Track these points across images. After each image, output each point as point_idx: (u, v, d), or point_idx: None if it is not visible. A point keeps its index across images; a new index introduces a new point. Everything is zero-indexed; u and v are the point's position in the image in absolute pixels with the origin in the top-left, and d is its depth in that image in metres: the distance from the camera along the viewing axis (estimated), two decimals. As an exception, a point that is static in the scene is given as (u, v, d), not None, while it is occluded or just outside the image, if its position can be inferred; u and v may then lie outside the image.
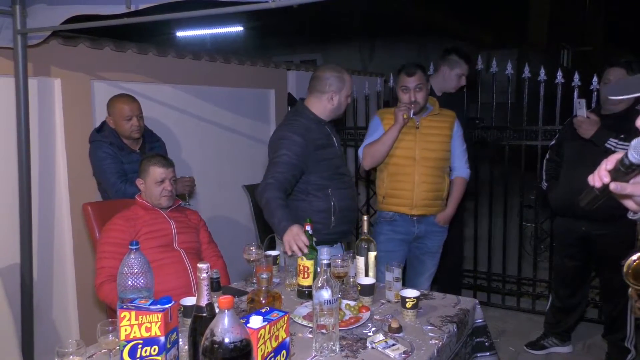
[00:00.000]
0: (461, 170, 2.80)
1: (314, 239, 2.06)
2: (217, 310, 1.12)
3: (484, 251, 3.87)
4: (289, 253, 1.99)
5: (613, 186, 0.98)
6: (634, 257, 1.15)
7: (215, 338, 1.06)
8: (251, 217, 3.80)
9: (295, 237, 1.97)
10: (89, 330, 2.73)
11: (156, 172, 2.28)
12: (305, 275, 1.94)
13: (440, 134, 2.68)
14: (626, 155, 0.95)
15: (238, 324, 1.08)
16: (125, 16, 2.18)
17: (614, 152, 2.95)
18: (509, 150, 3.69)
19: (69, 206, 2.87)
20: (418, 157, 2.62)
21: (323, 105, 2.37)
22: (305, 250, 1.95)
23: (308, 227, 2.03)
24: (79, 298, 2.93)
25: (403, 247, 2.75)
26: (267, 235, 2.57)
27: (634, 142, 0.93)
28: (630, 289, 1.57)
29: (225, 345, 1.05)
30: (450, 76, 3.22)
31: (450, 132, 2.71)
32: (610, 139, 2.51)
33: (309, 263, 1.94)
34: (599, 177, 1.00)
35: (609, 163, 0.99)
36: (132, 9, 2.14)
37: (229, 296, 1.08)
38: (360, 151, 2.76)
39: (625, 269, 1.23)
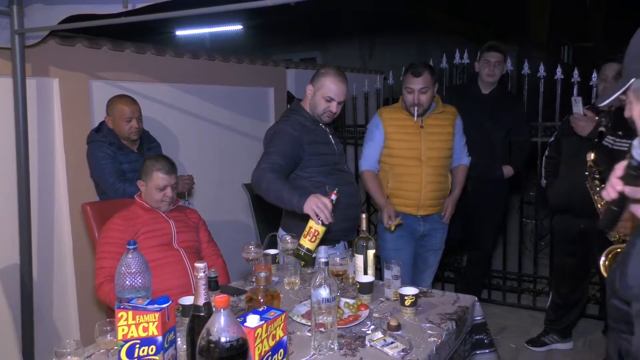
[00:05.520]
0: (462, 159, 2.86)
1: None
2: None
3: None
4: (319, 223, 1.93)
5: (629, 190, 0.97)
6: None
7: (211, 337, 1.06)
8: (251, 215, 3.79)
9: (319, 204, 1.91)
10: (89, 330, 2.72)
11: (159, 178, 2.26)
12: (312, 239, 1.94)
13: (444, 132, 2.68)
14: (632, 157, 0.94)
15: (234, 323, 1.08)
16: (123, 15, 2.17)
17: (611, 149, 2.93)
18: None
19: (68, 206, 2.87)
20: (424, 158, 2.62)
21: (307, 97, 2.35)
22: (330, 218, 1.92)
23: (334, 196, 1.97)
24: (79, 298, 2.93)
25: (410, 245, 2.76)
26: (267, 234, 2.57)
27: (636, 141, 0.93)
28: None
29: (221, 345, 1.05)
30: (481, 66, 3.24)
31: (453, 129, 2.71)
32: (608, 136, 2.49)
33: (320, 229, 1.93)
34: (612, 186, 0.99)
35: (618, 171, 0.99)
36: (129, 8, 2.13)
37: (225, 295, 1.08)
38: (361, 166, 2.78)
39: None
